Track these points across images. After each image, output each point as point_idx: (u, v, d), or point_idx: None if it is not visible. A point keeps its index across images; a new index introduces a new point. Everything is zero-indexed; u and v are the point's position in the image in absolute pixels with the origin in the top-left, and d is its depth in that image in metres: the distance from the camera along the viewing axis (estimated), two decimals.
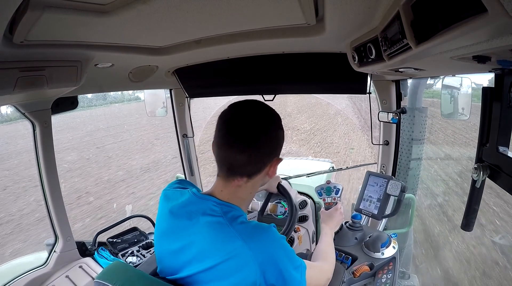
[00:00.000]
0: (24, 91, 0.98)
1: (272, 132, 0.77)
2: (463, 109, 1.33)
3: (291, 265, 0.73)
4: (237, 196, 0.77)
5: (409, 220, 1.68)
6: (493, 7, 0.32)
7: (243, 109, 0.77)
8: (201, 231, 0.73)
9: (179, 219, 0.77)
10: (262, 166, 0.77)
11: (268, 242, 0.72)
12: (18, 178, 7.51)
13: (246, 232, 0.71)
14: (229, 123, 0.75)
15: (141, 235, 1.96)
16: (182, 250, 0.75)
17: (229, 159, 0.74)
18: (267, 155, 0.76)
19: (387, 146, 1.63)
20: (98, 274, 0.75)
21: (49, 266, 1.60)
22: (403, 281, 1.81)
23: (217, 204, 0.74)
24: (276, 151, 0.78)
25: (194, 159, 2.21)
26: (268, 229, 0.74)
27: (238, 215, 0.74)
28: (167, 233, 0.79)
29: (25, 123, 1.48)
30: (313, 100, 18.89)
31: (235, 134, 0.73)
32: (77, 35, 0.86)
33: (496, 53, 0.51)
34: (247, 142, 0.73)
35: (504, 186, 0.67)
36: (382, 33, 0.71)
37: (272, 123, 0.77)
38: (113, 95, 25.80)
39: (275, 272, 0.70)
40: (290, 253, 0.74)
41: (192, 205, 0.76)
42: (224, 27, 0.96)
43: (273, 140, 0.77)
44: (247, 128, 0.73)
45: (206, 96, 2.02)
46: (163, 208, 0.81)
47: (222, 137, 0.75)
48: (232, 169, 0.75)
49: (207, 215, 0.73)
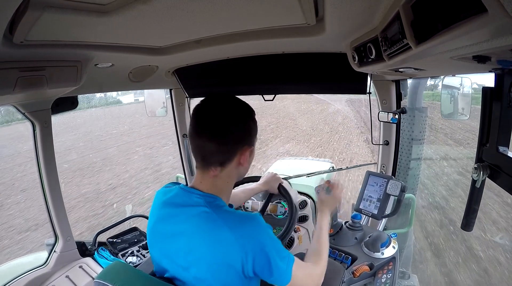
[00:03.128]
0: (24, 91, 0.98)
1: (240, 121, 0.80)
2: (463, 109, 1.33)
3: (277, 254, 0.74)
4: (216, 186, 0.80)
5: (409, 220, 1.68)
6: (493, 7, 0.32)
7: (213, 101, 0.81)
8: (187, 220, 0.75)
9: (166, 209, 0.80)
10: (232, 154, 0.79)
11: (255, 230, 0.74)
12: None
13: (233, 221, 0.73)
14: (198, 113, 0.80)
15: (141, 235, 1.96)
16: (171, 237, 0.77)
17: (200, 148, 0.78)
18: (236, 144, 0.79)
19: (387, 146, 1.63)
20: (98, 274, 0.75)
21: (49, 266, 1.60)
22: (403, 281, 1.81)
23: (200, 196, 0.78)
24: (244, 140, 0.80)
25: (194, 159, 2.20)
26: (254, 217, 0.75)
27: (222, 205, 0.78)
28: (155, 223, 0.82)
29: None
30: (314, 106, 18.03)
31: (203, 123, 0.78)
32: (77, 35, 0.86)
33: (496, 53, 0.51)
34: (213, 130, 0.76)
35: (504, 186, 0.67)
36: (382, 33, 0.71)
37: (240, 113, 0.81)
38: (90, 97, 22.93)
39: (261, 260, 0.72)
40: (276, 243, 0.76)
41: (178, 197, 0.80)
42: (224, 27, 0.96)
43: (241, 128, 0.79)
44: (214, 117, 0.77)
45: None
46: (155, 205, 0.85)
47: (193, 127, 0.79)
48: (205, 159, 0.79)
49: (192, 206, 0.76)
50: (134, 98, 25.85)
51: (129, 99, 25.99)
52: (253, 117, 0.84)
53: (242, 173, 0.86)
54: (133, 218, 2.07)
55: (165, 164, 7.50)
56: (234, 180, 0.85)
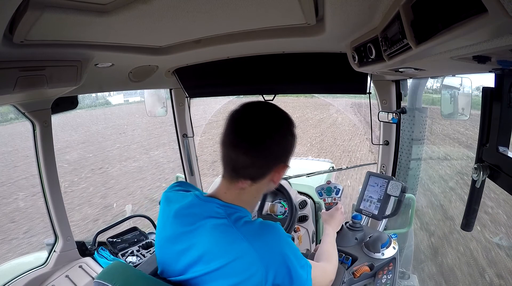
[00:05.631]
0: (24, 91, 0.98)
1: (281, 137, 0.74)
2: (463, 109, 1.33)
3: (298, 264, 0.72)
4: (241, 198, 0.76)
5: (409, 220, 1.68)
6: (493, 7, 0.32)
7: (254, 109, 0.75)
8: (206, 233, 0.71)
9: (182, 222, 0.75)
10: (266, 171, 0.74)
11: (274, 241, 0.71)
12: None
13: (251, 233, 0.70)
14: (238, 122, 0.74)
15: (141, 235, 1.96)
16: (185, 251, 0.74)
17: (233, 160, 0.73)
18: (272, 160, 0.74)
19: (387, 146, 1.63)
20: (98, 274, 0.75)
21: (49, 266, 1.60)
22: (403, 281, 1.81)
23: (221, 206, 0.73)
24: (282, 157, 0.75)
25: (194, 159, 2.20)
26: (273, 227, 0.72)
27: (243, 216, 0.73)
28: (170, 236, 0.77)
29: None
30: (310, 114, 15.34)
31: (241, 134, 0.72)
32: (77, 35, 0.86)
33: (496, 53, 0.51)
34: (252, 143, 0.71)
35: (504, 186, 0.67)
36: (382, 33, 0.71)
37: (282, 128, 0.75)
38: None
39: (282, 271, 0.69)
40: (296, 251, 0.73)
41: (195, 207, 0.75)
42: (224, 27, 0.96)
43: (280, 145, 0.74)
44: (254, 130, 0.71)
45: (206, 96, 2.02)
46: (165, 211, 0.80)
47: (228, 136, 0.73)
48: (236, 171, 0.74)
49: (211, 218, 0.72)
50: (124, 99, 24.54)
51: (118, 100, 24.37)
52: (293, 132, 0.77)
53: (271, 188, 0.81)
54: (133, 218, 2.07)
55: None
56: (262, 194, 0.81)
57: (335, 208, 1.23)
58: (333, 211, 1.22)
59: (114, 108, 22.84)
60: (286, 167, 0.76)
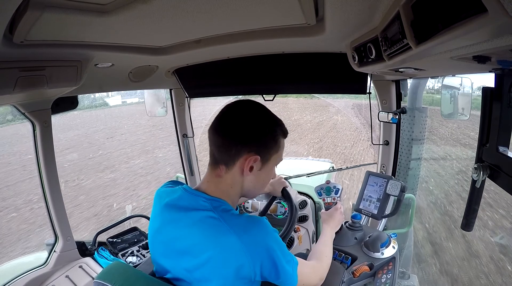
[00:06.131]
0: (24, 91, 0.98)
1: (254, 124, 0.79)
2: (463, 109, 1.33)
3: (284, 258, 0.75)
4: (220, 189, 0.79)
5: (409, 220, 1.68)
6: (493, 7, 0.32)
7: (240, 104, 0.82)
8: (193, 225, 0.74)
9: (171, 213, 0.79)
10: (236, 156, 0.77)
11: (261, 235, 0.73)
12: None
13: (239, 226, 0.72)
14: (222, 113, 0.81)
15: (141, 235, 1.96)
16: (174, 240, 0.76)
17: (213, 143, 0.80)
18: (240, 143, 0.76)
19: (387, 146, 1.63)
20: (98, 274, 0.75)
21: (49, 266, 1.60)
22: (402, 281, 1.81)
23: (206, 200, 0.77)
24: (252, 146, 0.77)
25: (194, 159, 2.21)
26: (260, 221, 0.75)
27: (229, 209, 0.77)
28: (160, 227, 0.81)
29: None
30: (309, 116, 13.89)
31: (221, 121, 0.80)
32: (77, 35, 0.86)
33: (496, 53, 0.51)
34: (227, 124, 0.78)
35: (504, 186, 0.67)
36: (382, 33, 0.71)
37: (258, 117, 0.80)
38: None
39: (269, 265, 0.72)
40: (282, 246, 0.76)
41: (183, 200, 0.79)
42: (224, 27, 0.96)
43: (251, 130, 0.78)
44: (233, 115, 0.80)
45: (206, 96, 2.02)
46: (156, 206, 0.84)
47: (213, 124, 0.80)
48: (214, 156, 0.80)
49: (198, 210, 0.75)
50: (122, 100, 24.14)
51: (116, 101, 23.88)
52: (273, 128, 0.80)
53: (248, 188, 0.82)
54: (133, 218, 2.07)
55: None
56: (239, 189, 0.82)
57: (334, 208, 1.23)
58: (332, 211, 1.22)
59: (111, 109, 22.47)
60: (253, 158, 0.77)
